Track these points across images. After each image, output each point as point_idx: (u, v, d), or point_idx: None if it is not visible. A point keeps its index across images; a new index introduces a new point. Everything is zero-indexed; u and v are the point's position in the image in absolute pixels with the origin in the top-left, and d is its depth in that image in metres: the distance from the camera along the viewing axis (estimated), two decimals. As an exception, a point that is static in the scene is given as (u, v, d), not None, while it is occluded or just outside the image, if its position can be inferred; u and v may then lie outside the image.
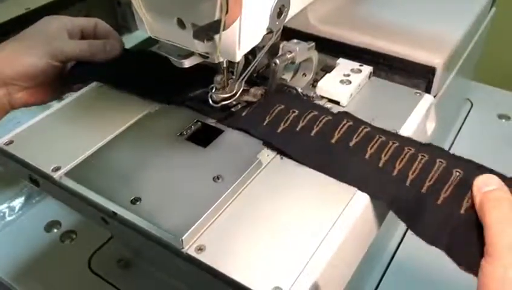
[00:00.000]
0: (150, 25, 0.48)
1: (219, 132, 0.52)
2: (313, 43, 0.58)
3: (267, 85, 0.55)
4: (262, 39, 0.48)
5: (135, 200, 0.46)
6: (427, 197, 0.45)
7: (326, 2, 0.67)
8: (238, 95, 0.54)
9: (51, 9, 1.44)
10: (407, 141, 0.50)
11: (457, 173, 0.46)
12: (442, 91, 0.64)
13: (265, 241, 0.42)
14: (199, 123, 0.55)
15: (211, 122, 0.55)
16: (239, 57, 0.47)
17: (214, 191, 0.46)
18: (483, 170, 0.46)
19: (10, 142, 0.54)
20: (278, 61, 0.54)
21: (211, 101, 0.54)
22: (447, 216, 0.43)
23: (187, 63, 0.49)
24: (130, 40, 1.07)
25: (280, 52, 0.55)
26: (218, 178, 0.47)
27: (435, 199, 0.44)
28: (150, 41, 0.53)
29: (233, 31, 0.45)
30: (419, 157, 0.48)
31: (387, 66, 0.63)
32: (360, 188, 0.47)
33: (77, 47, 0.62)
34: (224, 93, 0.53)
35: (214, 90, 0.54)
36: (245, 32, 0.45)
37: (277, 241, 0.42)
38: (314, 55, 0.58)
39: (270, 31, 0.49)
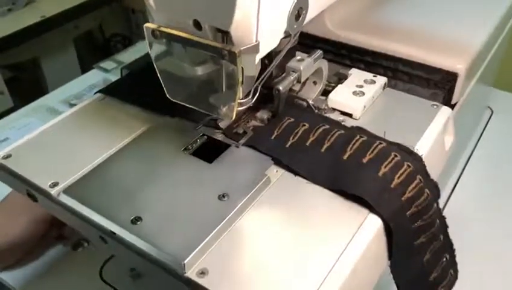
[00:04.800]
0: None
1: (225, 146, 0.50)
2: (320, 52, 0.54)
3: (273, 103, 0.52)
4: (279, 43, 0.46)
5: (136, 220, 0.43)
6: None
7: (344, 5, 0.64)
8: (243, 120, 0.52)
9: (66, 17, 1.45)
10: (422, 168, 0.48)
11: None
12: (464, 98, 0.61)
13: (273, 265, 0.40)
14: (205, 137, 0.53)
15: (218, 136, 0.52)
16: (255, 60, 0.45)
17: (219, 211, 0.43)
18: None
19: (8, 156, 0.52)
20: (280, 88, 0.50)
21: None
22: None
23: (200, 71, 0.47)
24: (143, 48, 1.05)
25: (285, 73, 0.52)
26: (223, 196, 0.44)
27: None
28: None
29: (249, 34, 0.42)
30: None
31: (405, 73, 0.60)
32: (371, 210, 0.44)
33: None
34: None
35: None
36: (262, 36, 0.43)
37: (286, 266, 0.39)
38: (324, 65, 0.55)
39: (287, 35, 0.46)
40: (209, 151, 0.49)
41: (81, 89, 1.03)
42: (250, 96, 0.48)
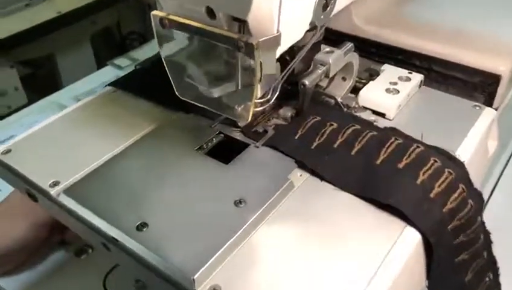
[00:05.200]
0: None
1: (244, 146, 0.45)
2: (351, 45, 0.49)
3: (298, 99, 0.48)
4: (303, 37, 0.41)
5: (141, 226, 0.38)
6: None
7: (372, 0, 0.59)
8: (264, 118, 0.47)
9: (82, 13, 1.42)
10: (465, 175, 0.42)
11: None
12: (506, 102, 0.55)
13: (295, 285, 0.34)
14: (221, 135, 0.48)
15: (236, 135, 0.47)
16: (276, 55, 0.39)
17: (235, 219, 0.38)
18: None
19: (7, 151, 0.48)
20: (307, 82, 0.45)
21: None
22: None
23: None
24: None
25: (312, 67, 0.47)
26: (240, 202, 0.40)
27: None
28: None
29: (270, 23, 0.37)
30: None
31: (440, 74, 0.54)
32: (408, 222, 0.38)
33: None
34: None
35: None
36: (284, 27, 0.37)
37: (310, 286, 0.34)
38: (355, 59, 0.50)
39: (313, 27, 0.41)
40: (226, 151, 0.45)
41: (93, 86, 0.99)
42: (269, 95, 0.43)
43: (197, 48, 0.40)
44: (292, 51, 0.42)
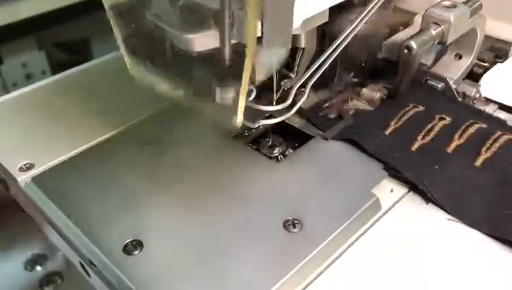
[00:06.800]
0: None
1: (306, 137, 0.32)
2: (479, 2, 0.33)
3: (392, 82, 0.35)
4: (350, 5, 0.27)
5: (133, 247, 0.25)
6: None
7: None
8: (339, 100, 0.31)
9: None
10: None
11: None
12: None
13: None
14: (272, 121, 0.32)
15: (294, 120, 0.32)
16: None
17: (282, 252, 0.24)
18: None
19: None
20: (413, 44, 0.30)
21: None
22: None
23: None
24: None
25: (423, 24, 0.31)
26: (294, 225, 0.26)
27: None
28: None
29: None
30: None
31: None
32: None
33: None
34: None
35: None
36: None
37: None
38: (480, 24, 0.34)
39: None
40: (278, 143, 0.32)
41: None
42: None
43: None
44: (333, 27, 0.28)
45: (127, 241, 0.25)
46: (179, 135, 0.32)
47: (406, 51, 0.31)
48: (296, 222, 0.25)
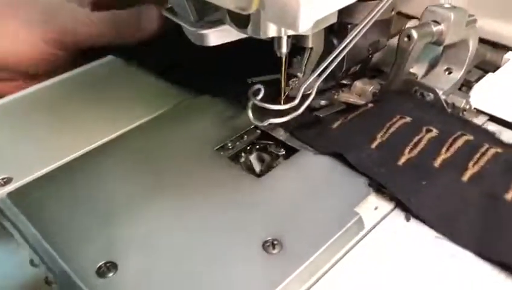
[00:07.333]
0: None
1: (290, 151, 0.31)
2: (474, 17, 0.33)
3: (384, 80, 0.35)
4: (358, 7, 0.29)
5: (107, 269, 0.24)
6: None
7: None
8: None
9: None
10: None
11: None
12: None
13: None
14: (257, 131, 0.32)
15: (277, 133, 0.31)
16: (304, 26, 0.22)
17: (260, 273, 0.22)
18: None
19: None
20: (414, 33, 0.29)
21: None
22: None
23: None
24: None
25: (423, 20, 0.31)
26: (273, 245, 0.24)
27: None
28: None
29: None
30: None
31: None
32: None
33: (93, 25, 0.40)
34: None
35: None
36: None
37: None
38: (473, 37, 0.33)
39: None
40: (261, 157, 0.32)
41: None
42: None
43: None
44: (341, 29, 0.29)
45: (102, 262, 0.24)
46: (159, 149, 0.31)
47: (405, 39, 0.31)
48: (275, 242, 0.24)
